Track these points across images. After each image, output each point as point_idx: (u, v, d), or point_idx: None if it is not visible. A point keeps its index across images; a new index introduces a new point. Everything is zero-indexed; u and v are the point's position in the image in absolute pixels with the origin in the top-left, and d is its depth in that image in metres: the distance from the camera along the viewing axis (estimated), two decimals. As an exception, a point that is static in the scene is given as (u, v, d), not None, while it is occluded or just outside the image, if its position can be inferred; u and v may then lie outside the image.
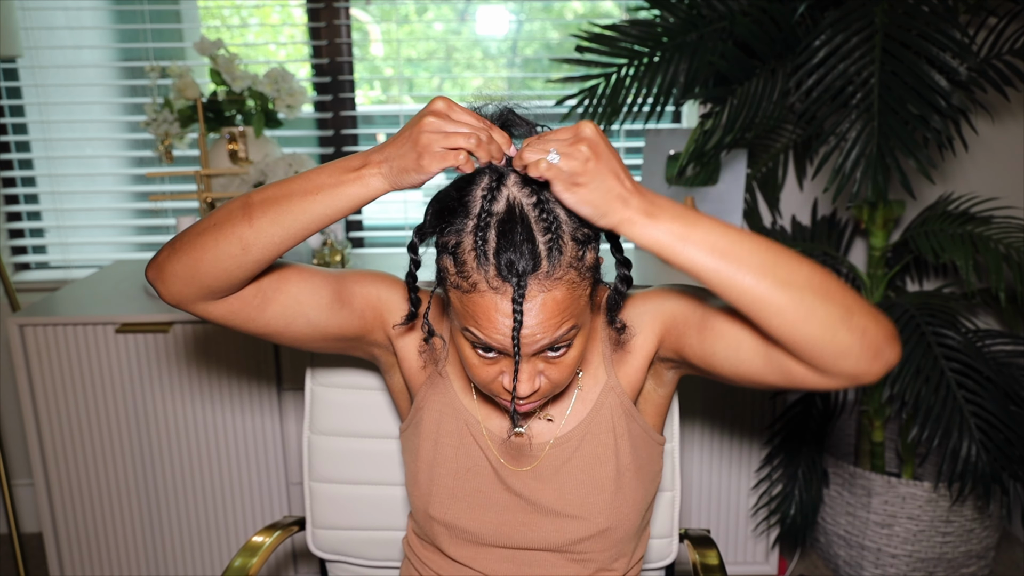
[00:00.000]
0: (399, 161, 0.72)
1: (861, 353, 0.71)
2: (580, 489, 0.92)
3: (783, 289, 0.70)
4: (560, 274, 0.73)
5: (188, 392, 1.67)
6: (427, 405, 0.94)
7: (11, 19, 1.86)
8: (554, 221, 0.73)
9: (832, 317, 0.70)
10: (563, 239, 0.73)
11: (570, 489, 0.92)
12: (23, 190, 2.19)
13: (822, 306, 0.70)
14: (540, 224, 0.73)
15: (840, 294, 0.72)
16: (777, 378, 0.77)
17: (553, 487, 0.92)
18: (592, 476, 0.92)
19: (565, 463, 0.92)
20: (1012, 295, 1.93)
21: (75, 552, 1.75)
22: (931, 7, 1.48)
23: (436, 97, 0.73)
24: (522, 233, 0.72)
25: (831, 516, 1.90)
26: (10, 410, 2.21)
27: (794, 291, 0.70)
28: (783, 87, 1.63)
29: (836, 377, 0.74)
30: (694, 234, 0.70)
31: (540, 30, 2.20)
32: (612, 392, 0.92)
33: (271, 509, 1.75)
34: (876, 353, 0.72)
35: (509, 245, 0.71)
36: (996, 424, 1.54)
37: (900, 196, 2.11)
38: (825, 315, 0.70)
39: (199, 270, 0.77)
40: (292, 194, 0.75)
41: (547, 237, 0.72)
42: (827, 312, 0.70)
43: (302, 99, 1.90)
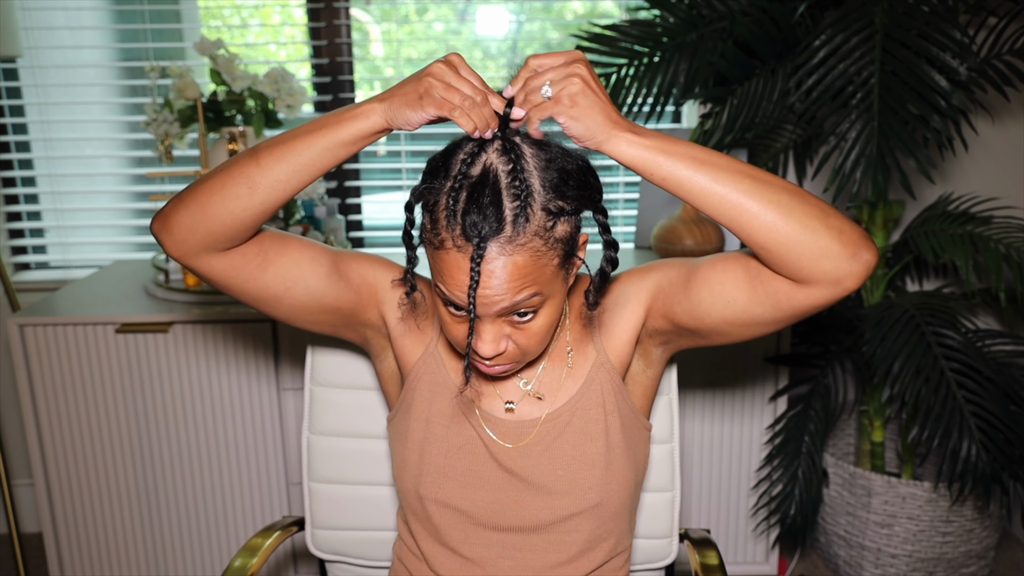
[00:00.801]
0: (401, 98, 0.76)
1: (841, 251, 0.74)
2: (571, 465, 0.93)
3: (761, 190, 0.75)
4: (524, 241, 0.75)
5: (188, 392, 1.67)
6: (419, 385, 0.96)
7: (11, 19, 1.86)
8: (525, 190, 0.75)
9: (809, 216, 0.74)
10: (531, 207, 0.75)
11: (561, 465, 0.93)
12: (23, 190, 2.19)
13: (799, 206, 0.75)
14: (510, 191, 0.75)
15: (814, 198, 0.76)
16: (765, 307, 0.81)
17: (544, 463, 0.93)
18: (583, 452, 0.93)
19: (556, 439, 0.93)
20: (1012, 295, 1.93)
21: (75, 552, 1.75)
22: (931, 7, 1.48)
23: (453, 53, 0.78)
24: (490, 197, 0.75)
25: (831, 516, 1.90)
26: (10, 410, 2.21)
27: (771, 192, 0.75)
28: (783, 87, 1.63)
29: (819, 284, 0.76)
30: (676, 148, 0.76)
31: (540, 30, 2.20)
32: (602, 368, 0.93)
33: (271, 509, 1.75)
34: (855, 252, 0.75)
35: (476, 207, 0.74)
36: (996, 424, 1.54)
37: (900, 196, 2.11)
38: (802, 214, 0.74)
39: (205, 215, 0.79)
40: (296, 135, 0.79)
41: (515, 204, 0.75)
42: (804, 211, 0.74)
43: (302, 99, 1.90)
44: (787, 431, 1.76)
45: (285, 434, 1.71)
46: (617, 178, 2.26)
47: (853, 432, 2.09)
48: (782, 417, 1.77)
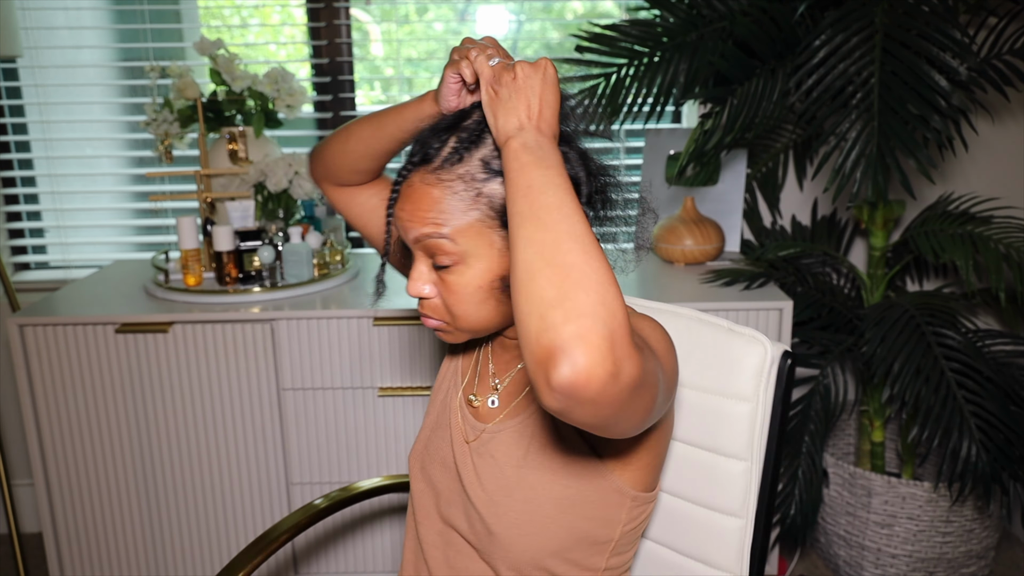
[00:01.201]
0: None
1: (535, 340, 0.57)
2: (493, 482, 0.85)
3: (537, 252, 0.60)
4: (445, 176, 0.77)
5: (188, 392, 1.67)
6: (447, 360, 1.00)
7: (11, 19, 1.86)
8: (476, 137, 0.77)
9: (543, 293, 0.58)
10: (470, 153, 0.77)
11: (487, 478, 0.86)
12: (23, 190, 2.19)
13: (542, 276, 0.59)
14: (463, 132, 0.78)
15: (578, 287, 0.57)
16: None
17: (476, 471, 0.88)
18: (504, 474, 0.85)
19: (489, 451, 0.87)
20: (1012, 295, 1.93)
21: (75, 552, 1.75)
22: (931, 7, 1.48)
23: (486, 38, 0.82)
24: (444, 132, 0.78)
25: (831, 516, 1.90)
26: (10, 410, 2.21)
27: (543, 261, 0.59)
28: (783, 87, 1.63)
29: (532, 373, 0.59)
30: (528, 174, 0.65)
31: (540, 30, 2.20)
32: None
33: (271, 509, 1.75)
34: (548, 358, 0.56)
35: (427, 136, 0.79)
36: (996, 424, 1.54)
37: (900, 196, 2.11)
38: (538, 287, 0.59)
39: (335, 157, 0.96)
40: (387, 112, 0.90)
41: (456, 143, 0.77)
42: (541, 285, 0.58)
43: (302, 99, 1.90)
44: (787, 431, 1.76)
45: (285, 434, 1.71)
46: (617, 178, 2.26)
47: (853, 432, 2.09)
48: (782, 417, 1.77)
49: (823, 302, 1.90)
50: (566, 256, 0.59)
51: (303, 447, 1.71)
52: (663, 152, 2.09)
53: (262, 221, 1.86)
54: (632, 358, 0.57)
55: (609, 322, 0.56)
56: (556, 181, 0.64)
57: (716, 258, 1.96)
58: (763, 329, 1.69)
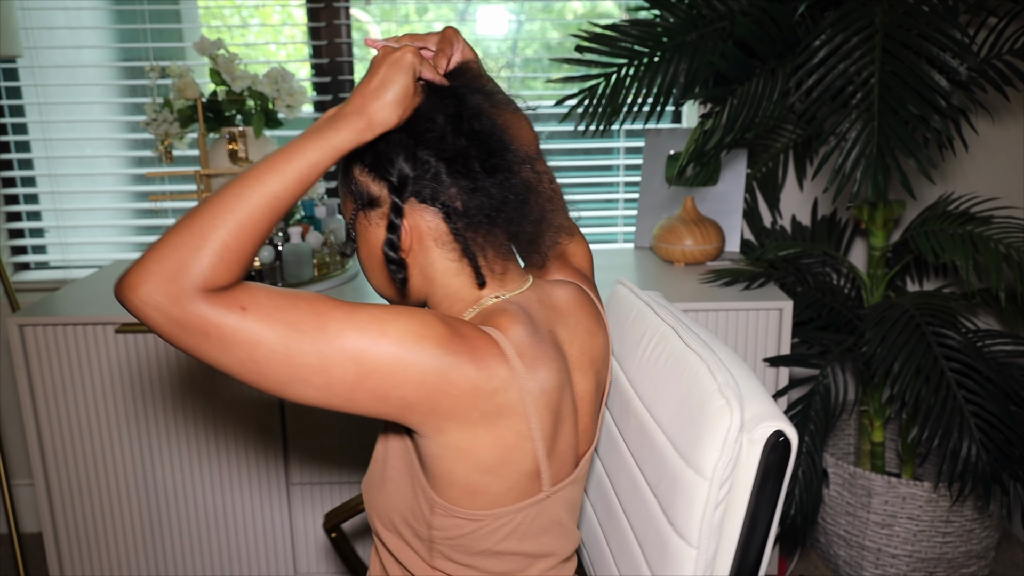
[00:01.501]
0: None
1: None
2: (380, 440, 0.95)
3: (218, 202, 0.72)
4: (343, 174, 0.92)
5: (188, 392, 1.67)
6: None
7: (11, 19, 1.86)
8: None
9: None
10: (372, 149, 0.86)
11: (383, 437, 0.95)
12: (23, 190, 2.19)
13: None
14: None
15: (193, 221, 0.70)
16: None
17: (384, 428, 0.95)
18: (384, 432, 0.93)
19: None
20: (1012, 295, 1.93)
21: (75, 552, 1.75)
22: (931, 7, 1.48)
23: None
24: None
25: (831, 516, 1.90)
26: (10, 410, 2.21)
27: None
28: (783, 87, 1.63)
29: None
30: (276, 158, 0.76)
31: (540, 30, 2.20)
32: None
33: (271, 509, 1.75)
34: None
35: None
36: (996, 424, 1.54)
37: (900, 196, 2.11)
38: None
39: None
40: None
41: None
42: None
43: (302, 99, 1.90)
44: (787, 431, 1.76)
45: (286, 434, 1.71)
46: (617, 178, 2.26)
47: (853, 432, 2.09)
48: (782, 417, 1.77)
49: (823, 302, 1.90)
50: (196, 210, 0.71)
51: (303, 447, 1.71)
52: (663, 152, 2.09)
53: (262, 221, 1.85)
54: (186, 301, 0.67)
55: (176, 266, 0.67)
56: (274, 160, 0.74)
57: (716, 258, 1.96)
58: (763, 329, 1.69)
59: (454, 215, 0.84)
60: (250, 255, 0.71)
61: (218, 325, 0.68)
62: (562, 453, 0.87)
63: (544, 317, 0.89)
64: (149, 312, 0.68)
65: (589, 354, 0.93)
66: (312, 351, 0.71)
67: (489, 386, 0.77)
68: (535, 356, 0.82)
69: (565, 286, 0.96)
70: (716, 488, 0.80)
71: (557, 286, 0.96)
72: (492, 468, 0.81)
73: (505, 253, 0.89)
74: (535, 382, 0.81)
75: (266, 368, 0.70)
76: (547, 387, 0.82)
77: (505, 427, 0.80)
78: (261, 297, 0.70)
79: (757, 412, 0.82)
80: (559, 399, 0.85)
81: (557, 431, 0.85)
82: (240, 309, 0.69)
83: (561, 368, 0.86)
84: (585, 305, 0.95)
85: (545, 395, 0.82)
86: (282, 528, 1.76)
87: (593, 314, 0.96)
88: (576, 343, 0.92)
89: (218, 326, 0.68)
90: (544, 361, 0.83)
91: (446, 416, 0.77)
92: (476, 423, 0.79)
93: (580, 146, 2.23)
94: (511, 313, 0.84)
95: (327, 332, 0.71)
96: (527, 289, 0.91)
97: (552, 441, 0.85)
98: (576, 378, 0.92)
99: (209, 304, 0.68)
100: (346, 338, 0.72)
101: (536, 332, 0.85)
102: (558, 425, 0.85)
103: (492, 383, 0.78)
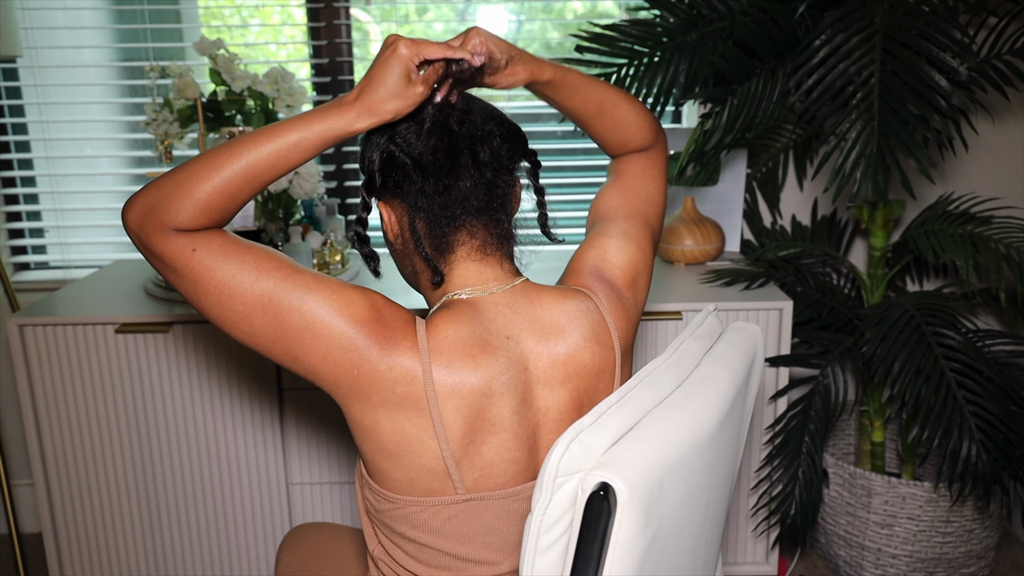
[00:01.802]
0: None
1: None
2: None
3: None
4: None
5: (188, 392, 1.67)
6: None
7: (11, 19, 1.86)
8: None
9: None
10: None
11: None
12: (23, 190, 2.19)
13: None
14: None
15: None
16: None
17: None
18: None
19: None
20: (1012, 295, 1.93)
21: (75, 552, 1.75)
22: (931, 7, 1.48)
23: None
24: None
25: (831, 516, 1.90)
26: (10, 410, 2.21)
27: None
28: (783, 87, 1.63)
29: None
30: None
31: (540, 30, 2.20)
32: None
33: (271, 509, 1.75)
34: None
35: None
36: (996, 424, 1.54)
37: (900, 196, 2.11)
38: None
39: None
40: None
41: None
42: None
43: (302, 99, 1.90)
44: (787, 431, 1.76)
45: (285, 434, 1.71)
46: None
47: (853, 432, 2.09)
48: (782, 417, 1.77)
49: (823, 302, 1.90)
50: (188, 163, 0.81)
51: (303, 447, 1.71)
52: (663, 152, 2.09)
53: (262, 221, 1.86)
54: (150, 233, 0.79)
55: (153, 203, 0.79)
56: (273, 126, 0.81)
57: (716, 258, 1.96)
58: (763, 329, 1.70)
59: (414, 211, 0.88)
60: (221, 211, 0.80)
61: (172, 258, 0.79)
62: (487, 463, 0.85)
63: (507, 323, 0.87)
64: (130, 233, 0.81)
65: (565, 369, 0.89)
66: (241, 300, 0.80)
67: (390, 375, 0.81)
68: (461, 358, 0.82)
69: (567, 296, 0.92)
70: (561, 543, 0.74)
71: (553, 295, 0.92)
72: (392, 454, 0.84)
73: (478, 252, 0.90)
74: (448, 382, 0.82)
75: (204, 304, 0.81)
76: (464, 390, 0.82)
77: (404, 418, 0.82)
78: (215, 243, 0.80)
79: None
80: (483, 406, 0.83)
81: (479, 437, 0.84)
82: (191, 250, 0.79)
83: (498, 377, 0.84)
84: (587, 318, 0.91)
85: (459, 397, 0.82)
86: (282, 528, 1.76)
87: (596, 328, 0.92)
88: (547, 356, 0.88)
89: (172, 258, 0.79)
90: (472, 365, 0.83)
91: (347, 393, 0.82)
92: (376, 406, 0.82)
93: (580, 146, 2.23)
94: (453, 312, 0.86)
95: (257, 287, 0.80)
96: (504, 291, 0.90)
97: (468, 445, 0.84)
98: (539, 392, 0.88)
99: (168, 240, 0.79)
100: (272, 296, 0.80)
101: (479, 335, 0.85)
102: (480, 432, 0.84)
103: (393, 373, 0.81)
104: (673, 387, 0.84)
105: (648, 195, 1.06)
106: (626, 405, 0.78)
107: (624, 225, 1.02)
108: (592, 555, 0.70)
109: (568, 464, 0.71)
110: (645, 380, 0.84)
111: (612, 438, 0.74)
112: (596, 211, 1.06)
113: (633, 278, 0.99)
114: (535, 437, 0.88)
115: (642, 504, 0.70)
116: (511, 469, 0.87)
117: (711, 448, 0.83)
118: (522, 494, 0.88)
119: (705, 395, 0.84)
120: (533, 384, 0.88)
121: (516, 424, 0.86)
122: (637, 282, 0.99)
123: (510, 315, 0.88)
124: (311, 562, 1.19)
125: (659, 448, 0.74)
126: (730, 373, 0.89)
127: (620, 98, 1.00)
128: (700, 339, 0.94)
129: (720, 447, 0.86)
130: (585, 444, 0.72)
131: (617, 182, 1.07)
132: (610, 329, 0.93)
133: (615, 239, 1.00)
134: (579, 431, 0.73)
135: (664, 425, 0.77)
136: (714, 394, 0.85)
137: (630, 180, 1.06)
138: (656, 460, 0.73)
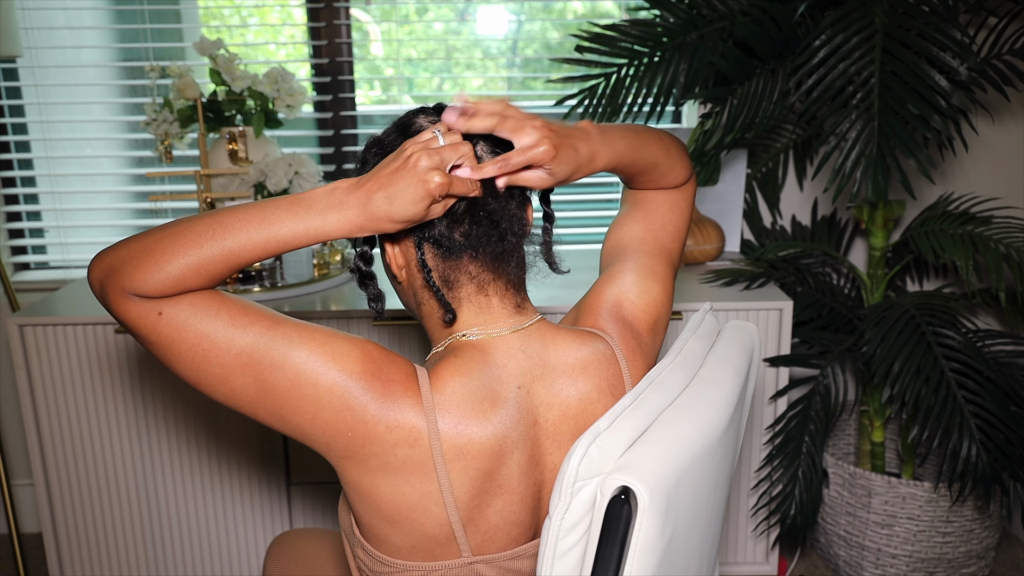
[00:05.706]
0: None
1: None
2: None
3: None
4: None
5: (188, 392, 1.67)
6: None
7: (11, 19, 1.86)
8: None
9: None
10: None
11: None
12: (23, 190, 2.19)
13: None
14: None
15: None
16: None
17: None
18: None
19: None
20: (1012, 295, 1.93)
21: (75, 552, 1.75)
22: (931, 7, 1.48)
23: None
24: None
25: (831, 516, 1.90)
26: (10, 410, 2.21)
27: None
28: (783, 87, 1.63)
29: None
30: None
31: (540, 30, 2.20)
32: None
33: (271, 509, 1.75)
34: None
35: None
36: (996, 424, 1.54)
37: (900, 196, 2.11)
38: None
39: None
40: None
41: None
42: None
43: (302, 99, 1.90)
44: (787, 431, 1.76)
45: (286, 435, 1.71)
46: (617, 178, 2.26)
47: (853, 432, 2.09)
48: (782, 417, 1.77)
49: (823, 302, 1.90)
50: (166, 229, 0.72)
51: (303, 447, 1.71)
52: (663, 152, 2.09)
53: (262, 221, 1.85)
54: (112, 297, 0.71)
55: (118, 265, 0.70)
56: (265, 207, 0.73)
57: (716, 258, 1.96)
58: (763, 329, 1.70)
59: (424, 243, 0.80)
60: (190, 286, 0.71)
61: (136, 324, 0.72)
62: (492, 526, 0.79)
63: (518, 369, 0.80)
64: (94, 293, 0.74)
65: (575, 423, 0.82)
66: (217, 361, 0.71)
67: (389, 437, 0.72)
68: (471, 414, 0.75)
69: (584, 339, 0.85)
70: (578, 551, 0.73)
71: (570, 338, 0.85)
72: (392, 520, 0.76)
73: (490, 286, 0.82)
74: (457, 442, 0.74)
75: (178, 367, 0.73)
76: (474, 450, 0.75)
77: (406, 483, 0.74)
78: (184, 301, 0.71)
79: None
80: (494, 465, 0.77)
81: (485, 500, 0.77)
82: (156, 314, 0.71)
83: (509, 434, 0.77)
84: (602, 367, 0.84)
85: (468, 458, 0.75)
86: (282, 528, 1.76)
87: (611, 379, 0.85)
88: (557, 408, 0.82)
89: (136, 324, 0.72)
90: (482, 422, 0.76)
91: (341, 455, 0.74)
92: (374, 470, 0.74)
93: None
94: (460, 360, 0.78)
95: (235, 344, 0.71)
96: (517, 332, 0.82)
97: (474, 509, 0.77)
98: (547, 448, 0.82)
99: (130, 305, 0.71)
100: (251, 353, 0.71)
101: (489, 387, 0.77)
102: (488, 495, 0.77)
103: (392, 434, 0.72)
104: (681, 388, 0.83)
105: (675, 229, 0.97)
106: (639, 407, 0.77)
107: (649, 262, 0.93)
108: (612, 559, 0.70)
109: (587, 468, 0.69)
110: (655, 382, 0.81)
111: (627, 441, 0.73)
112: (618, 241, 0.96)
113: (655, 322, 0.92)
114: (539, 496, 0.82)
115: (661, 507, 0.70)
116: (514, 531, 0.81)
117: (719, 448, 0.82)
118: (525, 553, 0.82)
119: (712, 396, 0.83)
120: (541, 439, 0.81)
121: (522, 485, 0.79)
122: (658, 326, 0.92)
123: (523, 359, 0.81)
124: (297, 569, 1.17)
125: (674, 450, 0.74)
126: (733, 373, 0.89)
127: (667, 161, 0.92)
128: (702, 339, 0.93)
129: (725, 447, 0.86)
130: (603, 448, 0.71)
131: (642, 212, 0.96)
132: (624, 379, 0.86)
133: (640, 277, 0.92)
134: (596, 435, 0.71)
135: (676, 427, 0.77)
136: (720, 394, 0.84)
137: (656, 211, 0.96)
138: (672, 462, 0.72)
